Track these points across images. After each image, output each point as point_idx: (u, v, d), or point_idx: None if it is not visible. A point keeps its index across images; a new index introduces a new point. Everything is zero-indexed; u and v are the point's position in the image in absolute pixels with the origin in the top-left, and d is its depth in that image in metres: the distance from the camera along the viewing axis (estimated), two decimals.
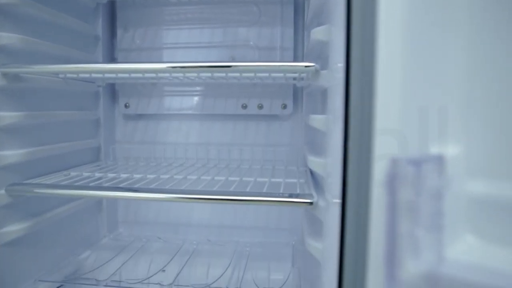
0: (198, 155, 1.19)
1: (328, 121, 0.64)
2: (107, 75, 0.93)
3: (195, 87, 1.18)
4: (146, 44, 1.18)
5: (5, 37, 0.78)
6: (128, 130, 1.24)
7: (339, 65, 0.54)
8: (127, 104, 1.20)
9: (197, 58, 1.15)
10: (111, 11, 1.20)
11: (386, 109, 0.42)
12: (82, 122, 1.09)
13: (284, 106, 1.14)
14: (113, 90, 1.23)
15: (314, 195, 0.72)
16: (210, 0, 1.14)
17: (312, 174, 0.97)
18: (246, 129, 1.19)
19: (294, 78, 1.00)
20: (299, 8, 1.14)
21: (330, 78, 0.63)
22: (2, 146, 0.79)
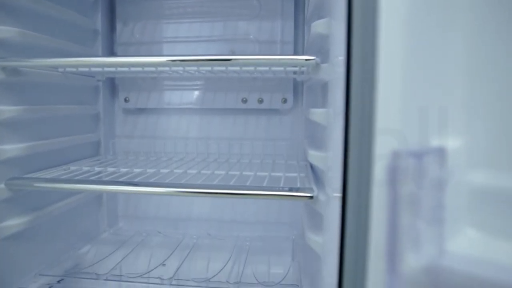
0: (198, 149, 1.19)
1: (328, 115, 0.64)
2: (106, 69, 0.92)
3: (195, 81, 1.18)
4: (145, 38, 1.17)
5: (3, 30, 0.77)
6: (128, 125, 1.24)
7: (340, 58, 0.54)
8: (127, 99, 1.20)
9: (197, 52, 1.14)
10: (110, 5, 1.19)
11: (387, 102, 0.42)
12: (81, 117, 1.09)
13: (284, 100, 1.14)
14: (113, 84, 1.22)
15: (314, 189, 0.72)
16: None
17: (312, 168, 0.97)
18: (246, 123, 1.18)
19: (295, 72, 1.00)
20: (299, 1, 1.13)
21: (331, 71, 0.62)
22: (2, 140, 0.79)
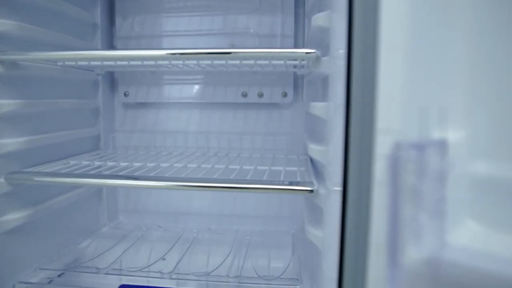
0: (198, 143, 1.18)
1: (329, 108, 0.63)
2: (106, 62, 0.92)
3: (195, 76, 1.17)
4: (145, 32, 1.17)
5: (1, 23, 0.77)
6: (128, 119, 1.24)
7: (340, 51, 0.54)
8: (127, 93, 1.20)
9: (196, 46, 1.14)
10: None
11: (388, 94, 0.42)
12: (81, 111, 1.08)
13: (285, 94, 1.13)
14: (112, 78, 1.22)
15: (314, 183, 0.72)
16: None
17: (312, 162, 0.96)
18: (246, 118, 1.18)
19: (295, 66, 1.00)
20: None
21: (331, 64, 0.62)
22: (1, 134, 0.79)
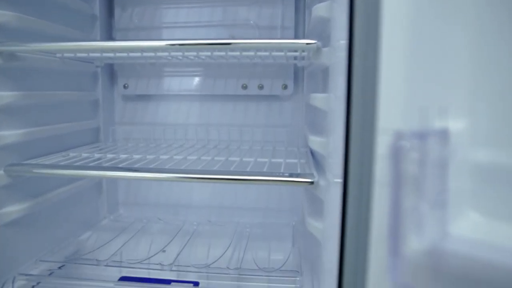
0: (198, 136, 1.18)
1: (329, 100, 0.63)
2: (105, 54, 0.91)
3: (195, 68, 1.17)
4: (144, 23, 1.16)
5: (0, 14, 0.76)
6: (128, 111, 1.23)
7: (342, 42, 0.53)
8: (126, 85, 1.19)
9: (196, 37, 1.13)
10: None
11: (390, 84, 0.41)
12: (80, 103, 1.08)
13: (285, 87, 1.13)
14: (111, 70, 1.21)
15: (315, 174, 0.72)
16: None
17: (312, 154, 0.96)
18: (246, 110, 1.18)
19: (295, 58, 0.99)
20: None
21: (332, 55, 0.62)
22: (0, 126, 0.78)
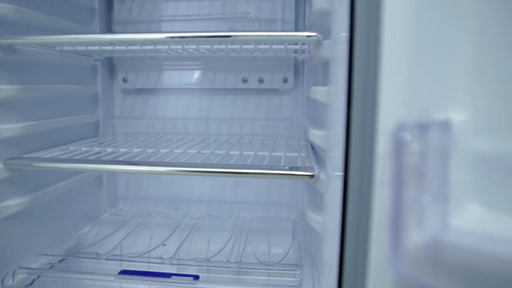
0: (198, 130, 1.18)
1: (330, 92, 0.63)
2: (104, 47, 0.91)
3: (195, 61, 1.16)
4: (144, 16, 1.15)
5: None
6: (127, 105, 1.23)
7: (342, 34, 0.53)
8: (125, 79, 1.18)
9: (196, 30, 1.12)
10: None
11: (391, 75, 0.41)
12: (80, 97, 1.08)
13: (285, 80, 1.12)
14: (111, 64, 1.21)
15: (315, 168, 0.72)
16: None
17: (313, 148, 0.96)
18: (246, 104, 1.17)
19: (295, 51, 0.99)
20: None
21: (333, 48, 0.61)
22: None
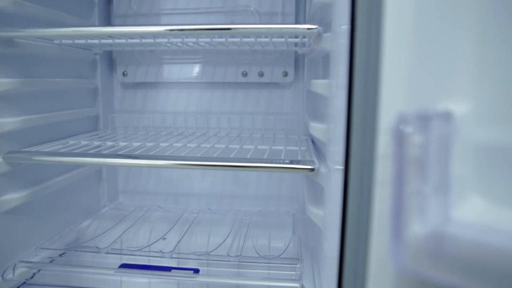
0: (198, 124, 1.18)
1: (330, 85, 0.62)
2: (103, 40, 0.90)
3: (195, 55, 1.16)
4: (143, 9, 1.15)
5: None
6: (127, 99, 1.22)
7: (343, 27, 0.52)
8: (125, 73, 1.18)
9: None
10: None
11: (392, 67, 0.41)
12: (80, 91, 1.07)
13: (285, 74, 1.12)
14: (110, 58, 1.20)
15: (315, 161, 0.71)
16: None
17: (313, 142, 0.96)
18: (246, 97, 1.17)
19: (296, 44, 0.98)
20: None
21: (333, 41, 0.61)
22: None
